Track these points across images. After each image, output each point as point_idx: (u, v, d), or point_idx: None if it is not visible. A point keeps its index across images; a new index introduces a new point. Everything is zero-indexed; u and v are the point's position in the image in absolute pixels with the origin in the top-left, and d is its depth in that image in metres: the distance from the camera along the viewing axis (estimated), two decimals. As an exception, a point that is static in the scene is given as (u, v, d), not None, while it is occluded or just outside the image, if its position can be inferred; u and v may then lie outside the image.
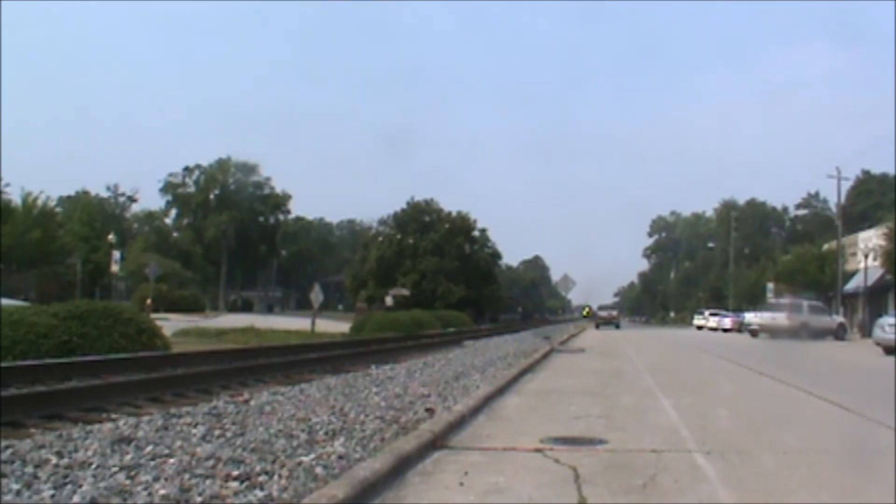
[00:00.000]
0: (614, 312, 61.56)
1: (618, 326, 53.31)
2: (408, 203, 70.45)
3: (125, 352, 12.36)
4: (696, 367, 16.04)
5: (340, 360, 14.30)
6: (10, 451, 4.44)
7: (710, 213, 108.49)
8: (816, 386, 10.38)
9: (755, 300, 54.03)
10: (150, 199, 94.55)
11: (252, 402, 7.00)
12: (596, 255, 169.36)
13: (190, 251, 76.60)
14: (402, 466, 4.67)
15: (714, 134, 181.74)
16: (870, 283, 44.41)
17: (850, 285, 47.92)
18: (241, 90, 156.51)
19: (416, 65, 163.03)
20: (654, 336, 38.09)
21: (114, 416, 7.11)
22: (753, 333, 36.40)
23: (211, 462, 4.33)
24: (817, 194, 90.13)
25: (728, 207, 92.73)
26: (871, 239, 46.30)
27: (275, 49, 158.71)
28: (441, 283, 64.33)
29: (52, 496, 3.60)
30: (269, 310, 77.74)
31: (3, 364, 9.66)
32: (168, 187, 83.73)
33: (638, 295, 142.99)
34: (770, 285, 53.75)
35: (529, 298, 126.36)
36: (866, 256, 44.31)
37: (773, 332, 33.23)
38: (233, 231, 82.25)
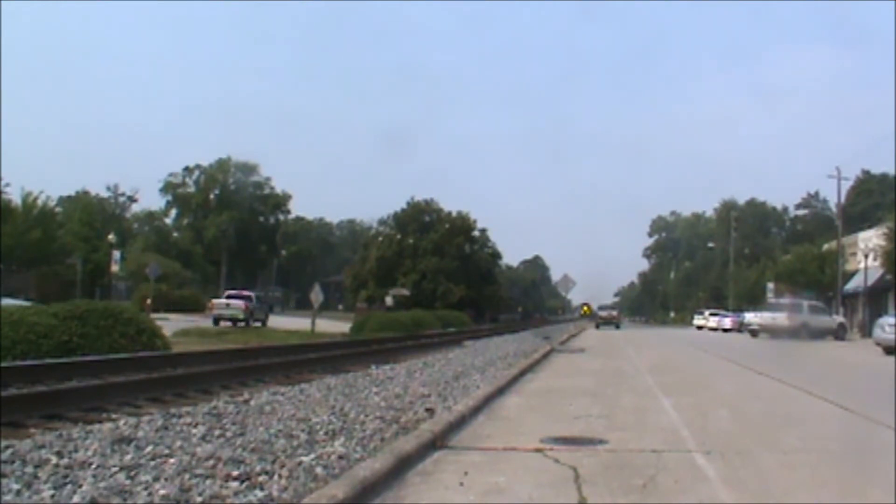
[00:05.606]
0: (614, 312, 61.03)
1: (618, 326, 53.16)
2: (408, 203, 70.45)
3: (125, 352, 12.37)
4: (696, 367, 16.03)
5: (340, 360, 14.31)
6: (10, 451, 4.43)
7: (710, 213, 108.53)
8: (816, 386, 10.37)
9: (755, 300, 53.98)
10: (150, 199, 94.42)
11: (252, 402, 6.99)
12: (596, 255, 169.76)
13: (190, 251, 76.48)
14: (402, 466, 4.67)
15: (714, 134, 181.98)
16: (870, 283, 44.41)
17: (850, 285, 47.90)
18: (241, 90, 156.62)
19: (416, 65, 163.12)
20: (655, 336, 38.08)
21: (114, 416, 7.11)
22: (753, 333, 36.40)
23: (211, 462, 4.33)
24: (817, 194, 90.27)
25: (728, 207, 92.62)
26: (871, 239, 46.30)
27: (275, 49, 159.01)
28: (441, 283, 64.29)
29: (52, 496, 3.60)
30: (269, 310, 77.48)
31: (3, 364, 9.66)
32: (168, 187, 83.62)
33: (638, 295, 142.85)
34: (770, 285, 53.70)
35: (529, 298, 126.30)
36: (866, 256, 44.32)
37: (773, 332, 33.21)
38: (233, 231, 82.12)
